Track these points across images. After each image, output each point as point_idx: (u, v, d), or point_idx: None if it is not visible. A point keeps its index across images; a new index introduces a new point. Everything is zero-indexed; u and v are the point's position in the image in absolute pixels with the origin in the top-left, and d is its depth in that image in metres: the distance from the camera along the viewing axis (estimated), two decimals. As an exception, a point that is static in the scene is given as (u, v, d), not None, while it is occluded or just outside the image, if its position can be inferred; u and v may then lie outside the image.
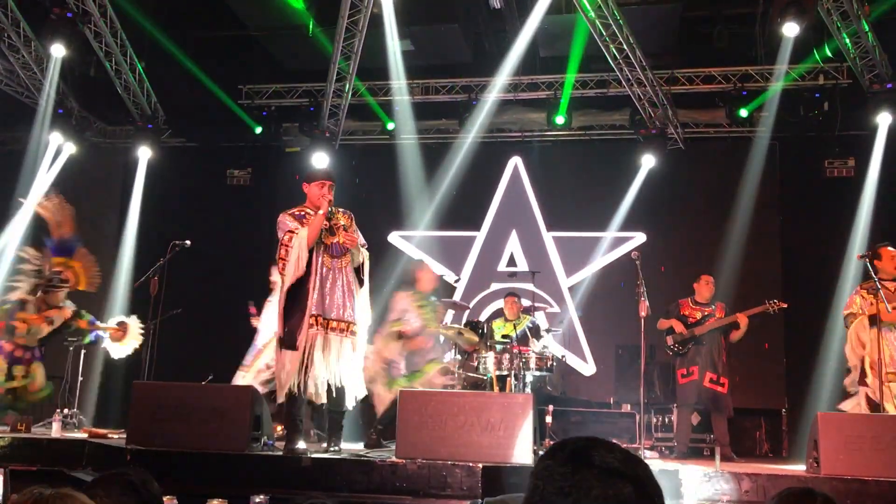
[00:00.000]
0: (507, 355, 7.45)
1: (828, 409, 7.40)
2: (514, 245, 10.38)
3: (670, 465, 5.65)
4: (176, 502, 3.20)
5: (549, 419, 7.22)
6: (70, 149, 10.37)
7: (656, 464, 5.81)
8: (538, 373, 7.69)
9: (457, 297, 9.86)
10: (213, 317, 9.71)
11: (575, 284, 10.13)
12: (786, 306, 7.36)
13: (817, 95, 9.36)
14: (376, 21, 8.92)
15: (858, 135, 9.31)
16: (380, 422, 6.79)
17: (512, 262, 10.28)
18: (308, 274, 5.42)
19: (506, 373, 7.42)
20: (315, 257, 5.47)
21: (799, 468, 5.83)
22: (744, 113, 9.47)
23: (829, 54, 9.13)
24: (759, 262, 9.38)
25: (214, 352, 9.33)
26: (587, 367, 9.92)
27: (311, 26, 9.57)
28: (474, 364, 7.81)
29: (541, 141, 10.64)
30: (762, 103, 9.49)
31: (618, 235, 9.98)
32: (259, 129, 10.58)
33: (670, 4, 9.19)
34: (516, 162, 10.56)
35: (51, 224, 8.04)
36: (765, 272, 9.46)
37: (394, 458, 5.10)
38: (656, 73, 9.37)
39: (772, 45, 9.00)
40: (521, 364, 7.43)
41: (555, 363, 7.98)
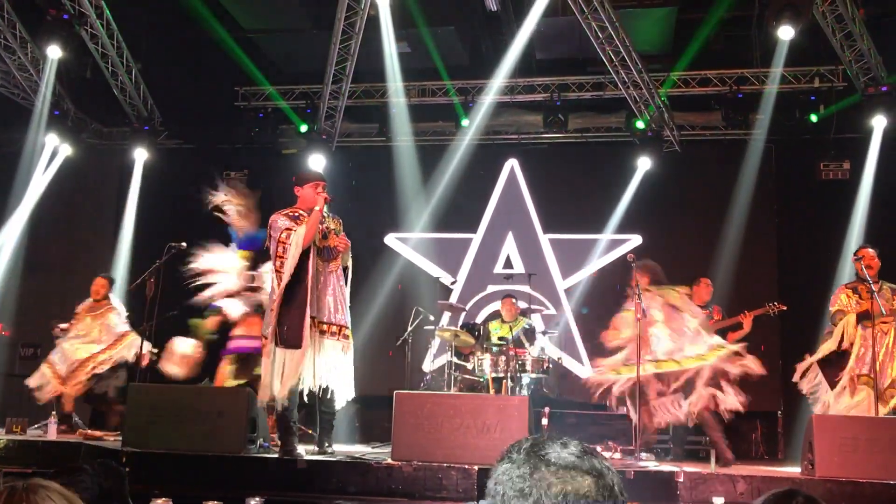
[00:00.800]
0: (504, 357, 7.47)
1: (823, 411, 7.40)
2: (510, 247, 10.39)
3: (666, 466, 5.65)
4: (171, 504, 3.20)
5: (545, 421, 7.22)
6: (66, 150, 10.36)
7: (652, 466, 5.82)
8: (534, 375, 7.71)
9: (453, 299, 9.85)
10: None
11: (571, 286, 10.14)
12: (785, 308, 7.37)
13: (813, 98, 9.39)
14: (373, 23, 8.93)
15: (853, 137, 9.34)
16: None
17: (508, 264, 10.28)
18: (305, 274, 5.44)
19: (502, 375, 7.44)
20: (311, 259, 5.50)
21: (794, 470, 5.85)
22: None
23: (825, 57, 9.15)
24: (754, 264, 9.40)
25: (211, 354, 9.32)
26: (583, 369, 9.91)
27: (308, 28, 9.56)
28: (470, 366, 7.82)
29: (537, 143, 10.65)
30: (758, 106, 9.49)
31: (614, 238, 9.99)
32: (255, 131, 10.57)
33: (666, 7, 9.21)
34: (513, 164, 10.57)
35: (235, 217, 7.36)
36: (760, 274, 9.47)
37: (389, 461, 5.11)
38: (652, 76, 9.39)
39: (767, 47, 9.03)
40: (518, 366, 7.45)
41: (551, 365, 8.00)
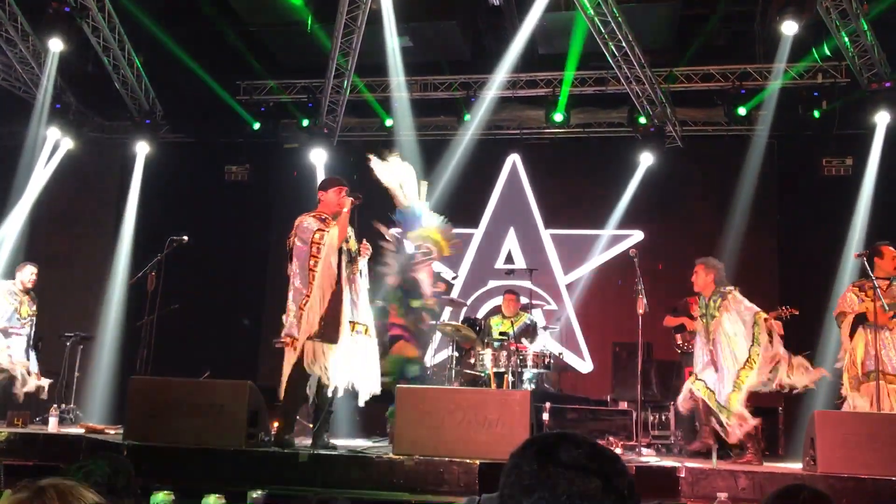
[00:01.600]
0: (505, 352, 7.46)
1: (824, 407, 7.40)
2: (511, 242, 10.38)
3: (667, 462, 5.65)
4: (173, 498, 3.19)
5: (546, 416, 7.21)
6: (67, 144, 10.35)
7: (653, 461, 5.82)
8: (535, 370, 7.70)
9: (454, 294, 9.85)
10: (210, 312, 9.70)
11: (572, 282, 10.13)
12: (797, 313, 7.22)
13: (816, 94, 9.36)
14: (375, 17, 8.90)
15: (856, 133, 9.31)
16: None
17: (510, 259, 10.27)
18: (339, 274, 5.61)
19: (503, 370, 7.44)
20: (342, 260, 5.68)
21: (796, 466, 5.84)
22: (742, 111, 9.47)
23: (828, 53, 9.13)
24: (756, 260, 9.39)
25: (211, 347, 9.34)
26: (584, 365, 9.92)
27: (310, 22, 9.54)
28: (472, 361, 7.82)
29: (539, 138, 10.63)
30: (761, 101, 9.49)
31: (615, 233, 9.98)
32: (257, 125, 10.56)
33: (669, 2, 9.18)
34: (514, 159, 10.55)
35: (397, 190, 6.98)
36: (762, 271, 9.46)
37: (391, 455, 5.10)
38: (655, 71, 9.37)
39: (771, 43, 9.00)
40: (519, 361, 7.44)
41: (552, 360, 7.99)
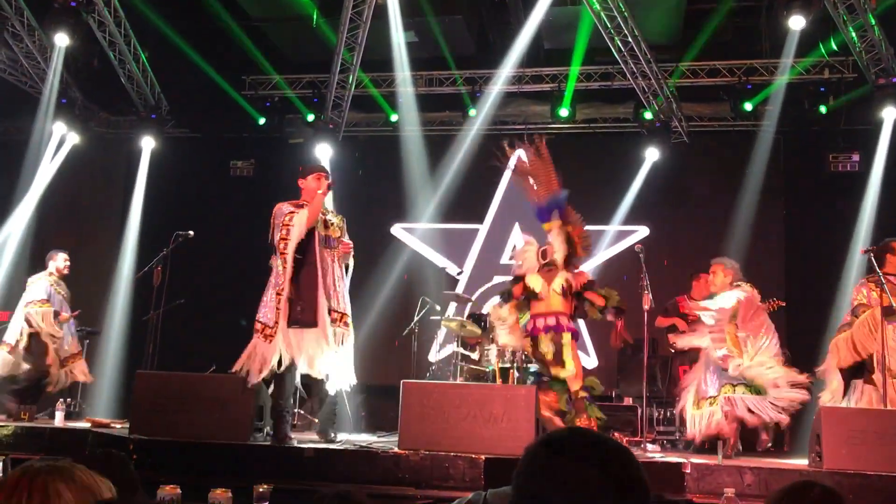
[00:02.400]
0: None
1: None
2: (517, 238, 10.34)
3: (673, 458, 5.65)
4: (179, 492, 3.20)
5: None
6: (73, 139, 10.36)
7: (658, 457, 5.82)
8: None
9: (459, 289, 9.84)
10: (215, 307, 9.70)
11: (578, 277, 10.10)
12: (784, 304, 7.28)
13: (822, 89, 9.33)
14: (380, 12, 8.89)
15: (863, 129, 9.28)
16: None
17: (515, 254, 10.26)
18: (313, 257, 5.60)
19: (508, 365, 7.42)
20: (316, 244, 5.64)
21: (801, 462, 5.83)
22: (748, 106, 9.45)
23: (835, 48, 9.09)
24: (762, 256, 9.35)
25: (217, 342, 9.33)
26: (589, 360, 9.91)
27: (316, 17, 9.54)
28: (476, 356, 7.82)
29: (544, 133, 10.60)
30: (767, 97, 9.45)
31: (621, 229, 9.96)
32: (262, 120, 10.57)
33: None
34: (520, 154, 10.51)
35: (530, 184, 6.56)
36: (768, 267, 9.42)
37: (396, 450, 5.11)
38: (661, 66, 9.34)
39: (777, 38, 8.97)
40: (524, 356, 7.42)
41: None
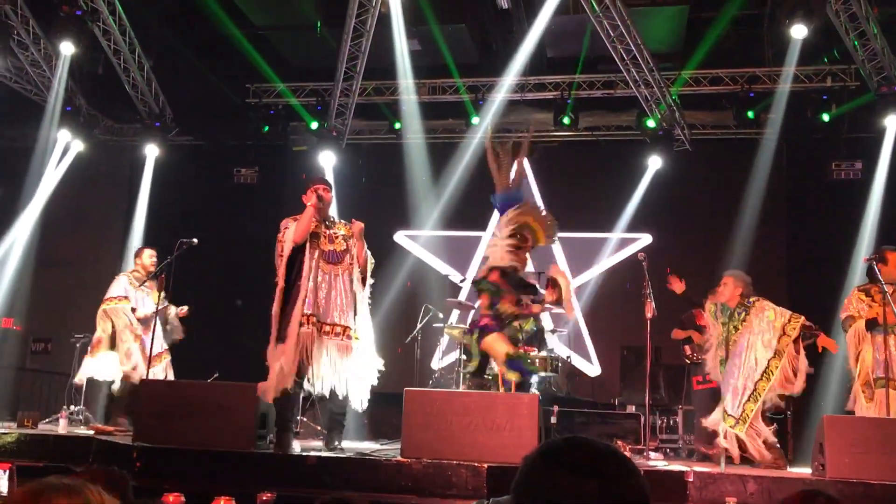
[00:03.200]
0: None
1: (833, 412, 7.37)
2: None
3: (675, 466, 5.64)
4: (183, 500, 3.21)
5: (554, 420, 7.21)
6: (78, 146, 10.41)
7: (661, 465, 5.81)
8: (543, 373, 7.69)
9: (462, 297, 9.85)
10: (219, 314, 9.72)
11: (581, 285, 10.12)
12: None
13: (825, 97, 9.34)
14: (384, 21, 8.93)
15: (866, 137, 9.29)
16: None
17: (518, 262, 10.25)
18: (300, 272, 5.57)
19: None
20: (308, 259, 5.61)
21: (804, 471, 5.82)
22: (751, 114, 9.45)
23: (837, 56, 9.11)
24: (764, 264, 9.34)
25: (220, 349, 9.36)
26: (592, 368, 9.91)
27: (319, 25, 9.58)
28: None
29: (547, 141, 10.63)
30: (769, 105, 9.46)
31: (624, 237, 9.98)
32: (266, 128, 10.59)
33: (678, 5, 9.17)
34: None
35: (498, 172, 6.52)
36: (770, 274, 9.42)
37: (399, 458, 5.11)
38: (663, 74, 9.36)
39: (780, 46, 8.98)
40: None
41: (560, 364, 7.99)
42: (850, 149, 9.47)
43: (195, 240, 7.29)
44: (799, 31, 7.89)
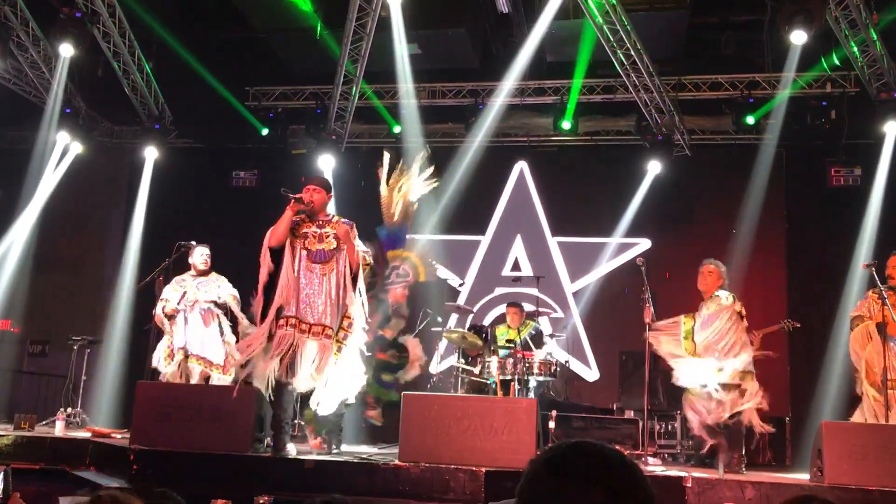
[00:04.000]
0: (511, 360, 7.44)
1: (832, 417, 7.37)
2: (518, 250, 10.37)
3: (674, 471, 5.63)
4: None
5: (552, 424, 7.20)
6: (77, 148, 10.40)
7: (659, 470, 5.80)
8: (542, 378, 7.68)
9: (461, 301, 9.84)
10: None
11: (579, 290, 10.12)
12: (799, 325, 7.24)
13: (824, 104, 9.34)
14: (384, 24, 8.93)
15: (865, 143, 9.29)
16: None
17: (516, 266, 10.27)
18: (278, 272, 5.53)
19: (509, 377, 7.42)
20: (291, 258, 5.56)
21: (803, 477, 5.81)
22: (750, 120, 9.46)
23: (837, 62, 9.11)
24: (763, 269, 9.36)
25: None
26: (591, 373, 9.90)
27: (319, 29, 9.58)
28: (478, 368, 7.81)
29: (547, 146, 10.63)
30: (769, 111, 9.48)
31: (623, 241, 9.97)
32: (265, 131, 10.59)
33: (678, 11, 9.18)
34: (522, 167, 10.56)
35: (389, 210, 6.92)
36: (770, 280, 9.43)
37: (397, 462, 5.10)
38: (663, 80, 9.36)
39: (779, 52, 8.99)
40: (525, 369, 7.42)
41: (558, 368, 7.97)
42: (850, 155, 9.46)
43: (193, 242, 7.29)
44: (798, 38, 7.89)
